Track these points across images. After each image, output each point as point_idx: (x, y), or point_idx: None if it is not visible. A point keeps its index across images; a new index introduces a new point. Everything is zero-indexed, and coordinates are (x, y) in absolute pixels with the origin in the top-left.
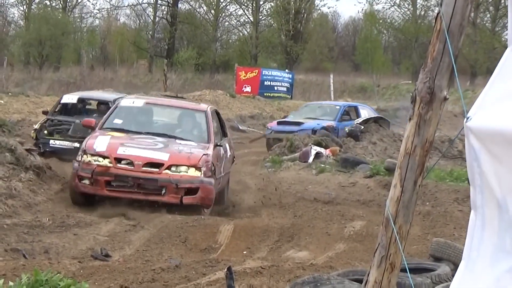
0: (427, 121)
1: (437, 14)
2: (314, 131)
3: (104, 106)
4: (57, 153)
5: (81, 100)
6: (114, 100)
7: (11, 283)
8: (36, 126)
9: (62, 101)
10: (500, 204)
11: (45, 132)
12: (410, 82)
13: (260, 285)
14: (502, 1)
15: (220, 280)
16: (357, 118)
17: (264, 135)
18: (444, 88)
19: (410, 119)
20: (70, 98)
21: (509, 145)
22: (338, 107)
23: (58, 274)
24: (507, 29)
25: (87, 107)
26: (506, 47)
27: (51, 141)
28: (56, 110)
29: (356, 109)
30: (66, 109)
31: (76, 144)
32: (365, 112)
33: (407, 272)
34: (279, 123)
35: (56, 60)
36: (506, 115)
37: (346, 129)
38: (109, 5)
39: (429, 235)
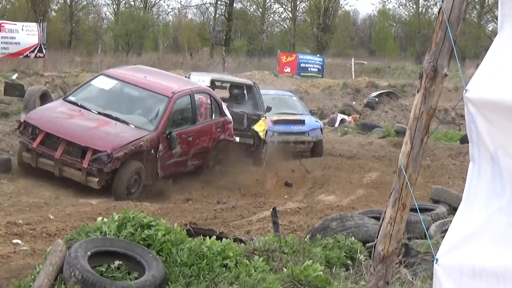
0: (432, 92)
1: (440, 8)
2: (321, 130)
3: (238, 90)
4: None
5: (214, 82)
6: (249, 85)
7: (105, 220)
8: None
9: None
10: (493, 157)
11: None
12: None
13: (298, 221)
14: (486, 0)
15: (266, 217)
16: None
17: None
18: (445, 67)
19: (418, 91)
20: (201, 79)
21: (498, 110)
22: (295, 98)
23: (142, 213)
24: (492, 22)
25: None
26: (490, 38)
27: None
28: None
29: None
30: None
31: (237, 139)
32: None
33: (415, 211)
34: (276, 122)
35: (139, 47)
36: (495, 88)
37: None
38: (179, 5)
39: (429, 183)
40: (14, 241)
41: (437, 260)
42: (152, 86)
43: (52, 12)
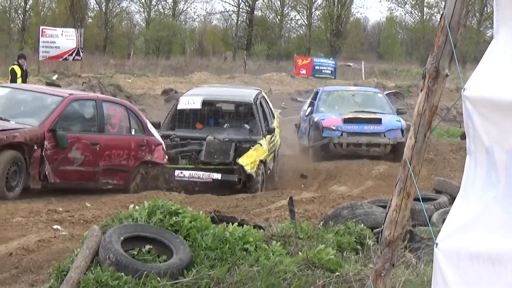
0: (434, 91)
1: (441, 14)
2: (402, 131)
3: (243, 107)
4: (187, 188)
5: (207, 104)
6: (247, 104)
7: (137, 207)
8: None
9: (179, 107)
10: (488, 150)
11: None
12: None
13: (312, 209)
14: (485, 8)
15: (284, 206)
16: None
17: (329, 140)
18: (446, 68)
19: (421, 90)
20: (190, 102)
21: (493, 108)
22: (380, 95)
23: (170, 201)
24: (491, 28)
25: (215, 111)
26: (488, 43)
27: (177, 173)
28: (172, 120)
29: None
30: (186, 119)
31: (217, 176)
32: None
33: (418, 200)
34: (347, 120)
35: (167, 51)
36: (491, 87)
37: None
38: (205, 12)
39: (432, 175)
40: (55, 227)
41: (437, 244)
42: (48, 90)
43: (89, 18)
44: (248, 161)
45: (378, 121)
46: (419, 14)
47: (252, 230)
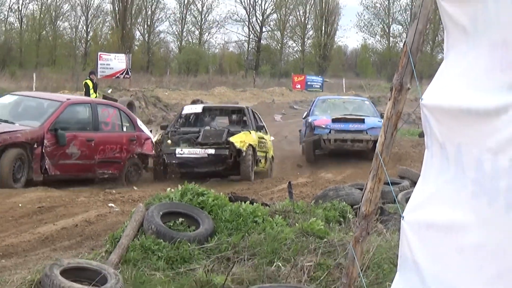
0: (399, 100)
1: (404, 42)
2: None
3: (233, 114)
4: (186, 164)
5: (206, 110)
6: (239, 109)
7: (172, 190)
8: (156, 139)
9: (184, 112)
10: (441, 145)
11: (169, 142)
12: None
13: (306, 191)
14: (436, 38)
15: (284, 189)
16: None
17: (319, 136)
18: (408, 83)
19: (389, 99)
20: (193, 108)
21: (444, 113)
22: (367, 102)
23: (197, 185)
24: (441, 53)
25: (212, 117)
26: (439, 63)
27: (178, 151)
28: (178, 122)
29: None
30: (188, 121)
31: (211, 151)
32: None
33: (387, 184)
34: (335, 120)
35: (195, 70)
36: (442, 97)
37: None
38: (223, 41)
39: (397, 164)
40: (109, 204)
41: (403, 217)
42: (49, 96)
43: (135, 46)
44: (238, 139)
45: (361, 120)
46: (386, 42)
47: (260, 207)
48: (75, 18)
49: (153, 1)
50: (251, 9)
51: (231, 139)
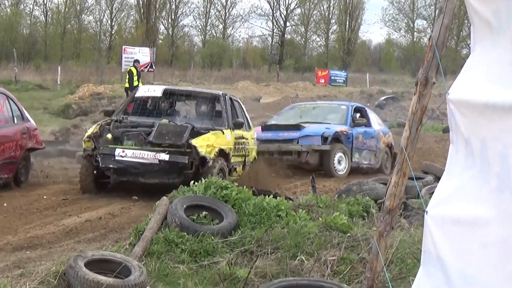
0: (424, 95)
1: (430, 36)
2: (324, 138)
3: (203, 102)
4: (128, 172)
5: (167, 94)
6: (217, 97)
7: (196, 184)
8: (91, 131)
9: (138, 95)
10: (466, 140)
11: (108, 137)
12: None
13: (329, 185)
14: (460, 33)
15: (307, 183)
16: (368, 122)
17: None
18: (433, 77)
19: (414, 94)
20: (151, 90)
21: (470, 108)
22: (344, 107)
23: (221, 179)
24: (465, 48)
25: (175, 107)
26: (463, 59)
27: (118, 152)
28: (127, 109)
29: (363, 111)
30: (143, 108)
31: (164, 156)
32: (373, 117)
33: (411, 179)
34: (265, 128)
35: (219, 64)
36: (469, 92)
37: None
38: (247, 35)
39: (421, 160)
40: (133, 197)
41: (427, 212)
42: None
43: (159, 40)
44: (204, 143)
45: (296, 127)
46: (411, 37)
47: (283, 200)
48: (100, 12)
49: None
50: (275, 4)
51: (194, 141)
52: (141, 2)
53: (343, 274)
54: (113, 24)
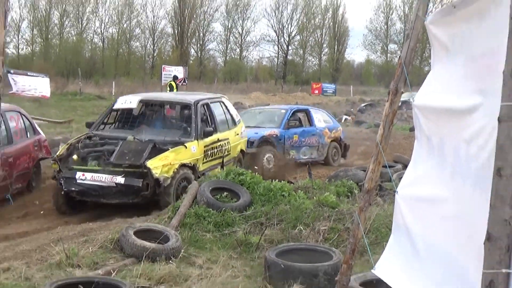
0: (394, 102)
1: (399, 57)
2: (251, 143)
3: (182, 109)
4: (89, 194)
5: (144, 105)
6: (189, 105)
7: (220, 171)
8: (58, 152)
9: (115, 107)
10: (428, 137)
11: (74, 158)
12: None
13: (322, 172)
14: (423, 54)
15: (305, 170)
16: (310, 122)
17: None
18: (401, 88)
19: (387, 101)
20: (127, 101)
21: (430, 112)
22: (283, 111)
23: (238, 168)
24: (427, 66)
25: (156, 115)
26: (425, 74)
27: (78, 175)
28: (106, 121)
29: (307, 112)
30: (122, 120)
31: (120, 179)
32: (319, 116)
33: (384, 167)
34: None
35: (236, 79)
36: (429, 99)
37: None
38: (258, 57)
39: (392, 152)
40: None
41: (397, 192)
42: None
43: (190, 60)
44: (159, 163)
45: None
46: (385, 57)
47: (286, 184)
48: (144, 39)
49: (204, 26)
50: (280, 32)
51: (149, 163)
52: (176, 32)
53: (332, 240)
54: (154, 48)
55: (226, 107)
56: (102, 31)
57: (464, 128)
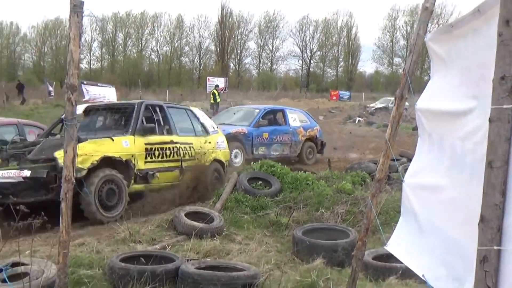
0: (400, 105)
1: (404, 68)
2: None
3: (126, 111)
4: (2, 193)
5: (92, 112)
6: (132, 106)
7: (254, 164)
8: None
9: (63, 116)
10: (429, 134)
11: None
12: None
13: (339, 165)
14: (423, 65)
15: (326, 163)
16: (285, 121)
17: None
18: (406, 94)
19: (394, 105)
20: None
21: (430, 113)
22: (257, 111)
23: (270, 160)
24: (427, 76)
25: (102, 120)
26: (426, 83)
27: None
28: (53, 131)
29: (283, 112)
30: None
31: (26, 172)
32: (295, 116)
33: (392, 160)
34: None
35: (268, 88)
36: (429, 103)
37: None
38: (286, 69)
39: (398, 148)
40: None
41: (404, 181)
42: None
43: (230, 72)
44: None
45: None
46: (391, 69)
47: (310, 174)
48: (192, 55)
49: (241, 44)
50: (303, 49)
51: (57, 153)
52: (218, 49)
53: (349, 221)
54: (200, 62)
55: (195, 115)
56: (158, 49)
57: (459, 128)
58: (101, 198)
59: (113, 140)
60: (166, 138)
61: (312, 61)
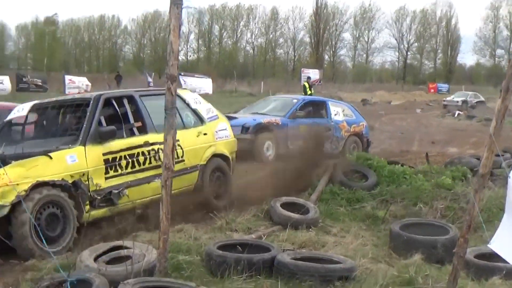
0: (506, 98)
1: (509, 59)
2: (246, 128)
3: (80, 108)
4: None
5: (42, 111)
6: (87, 102)
7: (350, 155)
8: None
9: (8, 117)
10: None
11: None
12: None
13: (438, 159)
14: None
15: (424, 157)
16: (326, 114)
17: None
18: None
19: (499, 97)
20: (19, 110)
21: None
22: (295, 101)
23: (366, 153)
24: None
25: (52, 121)
26: None
27: None
28: None
29: (324, 104)
30: (15, 129)
31: None
32: (338, 109)
33: (496, 155)
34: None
35: (363, 80)
36: None
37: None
38: (382, 61)
39: (502, 144)
40: None
41: (510, 177)
42: None
43: (325, 64)
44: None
45: (229, 118)
46: (493, 61)
47: (407, 168)
48: (287, 47)
49: (336, 36)
50: (400, 40)
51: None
52: (312, 40)
53: (448, 217)
54: (295, 54)
55: (183, 101)
56: (253, 41)
57: None
58: (40, 227)
59: (50, 157)
60: (138, 140)
61: (409, 53)
